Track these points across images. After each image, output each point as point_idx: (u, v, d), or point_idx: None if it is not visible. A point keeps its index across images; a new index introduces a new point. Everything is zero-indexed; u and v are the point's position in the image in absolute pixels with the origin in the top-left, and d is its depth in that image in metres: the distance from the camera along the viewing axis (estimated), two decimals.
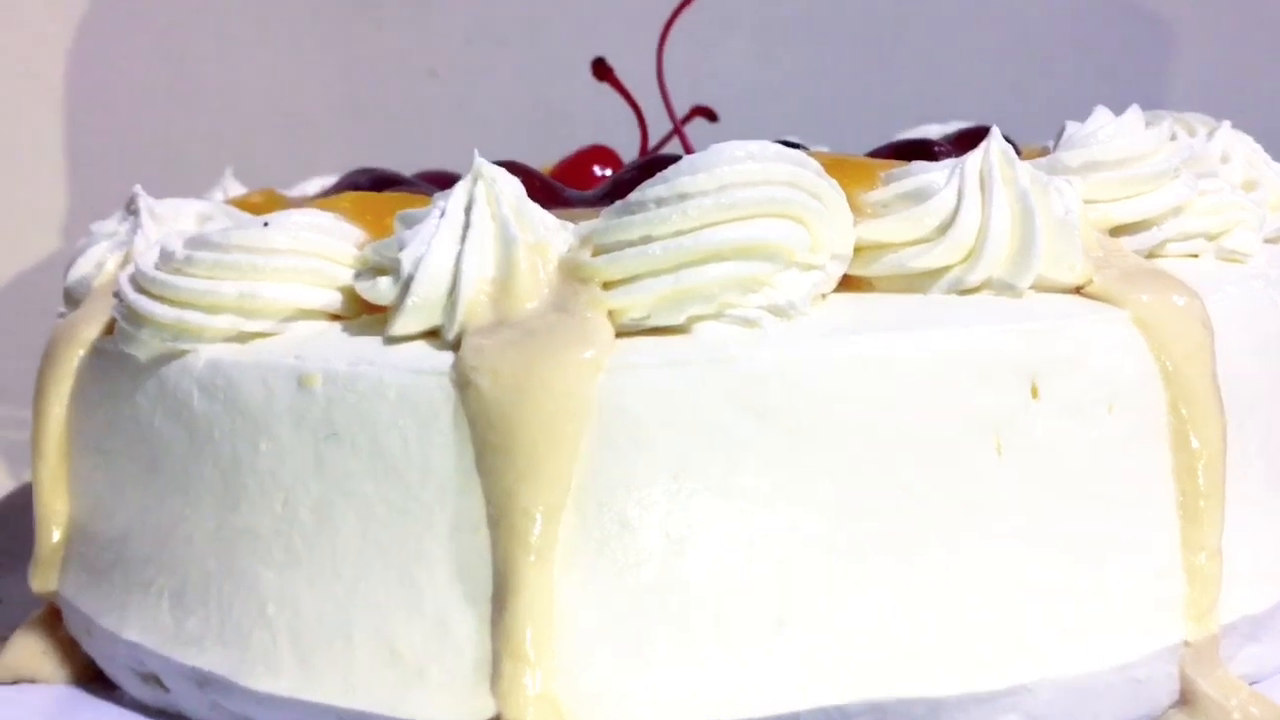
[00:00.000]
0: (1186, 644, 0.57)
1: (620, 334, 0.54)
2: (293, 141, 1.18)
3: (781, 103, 1.15)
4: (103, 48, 1.17)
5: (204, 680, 0.58)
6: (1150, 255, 0.63)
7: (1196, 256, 0.64)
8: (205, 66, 1.18)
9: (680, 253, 0.53)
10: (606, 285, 0.54)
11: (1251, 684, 0.59)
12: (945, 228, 0.57)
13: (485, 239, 0.56)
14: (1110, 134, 0.63)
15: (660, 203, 0.54)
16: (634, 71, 0.90)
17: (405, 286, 0.56)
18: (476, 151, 0.58)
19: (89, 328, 0.65)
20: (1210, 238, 0.65)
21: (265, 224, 0.60)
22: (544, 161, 0.94)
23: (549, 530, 0.52)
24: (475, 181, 0.57)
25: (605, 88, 0.93)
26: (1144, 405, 0.56)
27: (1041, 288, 0.58)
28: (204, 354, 0.58)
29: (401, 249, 0.56)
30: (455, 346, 0.54)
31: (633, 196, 0.55)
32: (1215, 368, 0.57)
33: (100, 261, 0.68)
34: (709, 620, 0.53)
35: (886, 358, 0.53)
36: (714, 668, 0.52)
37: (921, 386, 0.53)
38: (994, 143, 0.59)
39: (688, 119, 0.98)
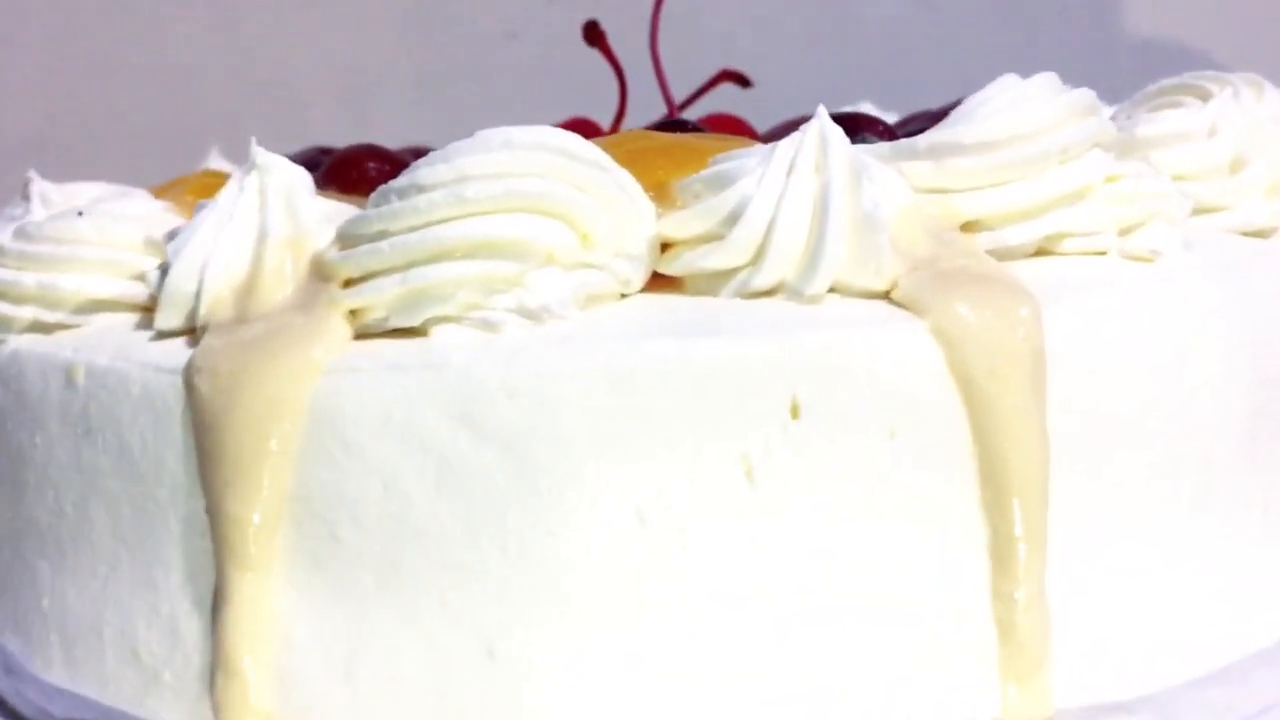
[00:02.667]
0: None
1: (362, 335, 0.55)
2: (364, 110, 1.23)
3: (839, 66, 1.12)
4: (156, 8, 1.25)
5: (8, 666, 0.64)
6: (1040, 252, 0.59)
7: (1104, 254, 0.60)
8: (267, 31, 1.25)
9: (409, 250, 0.53)
10: (347, 284, 0.56)
11: None
12: (732, 223, 0.55)
13: (243, 232, 0.58)
14: (985, 112, 0.59)
15: (400, 195, 0.55)
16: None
17: (162, 278, 0.59)
18: (254, 140, 0.60)
19: None
20: (1122, 231, 0.60)
21: (79, 214, 0.64)
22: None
23: (262, 541, 0.54)
24: (249, 172, 0.60)
25: (696, 53, 0.94)
26: (939, 430, 0.53)
27: (846, 292, 0.55)
28: (11, 344, 0.63)
29: (171, 240, 0.60)
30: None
31: (382, 188, 0.56)
32: (1038, 387, 0.53)
33: None
34: (420, 643, 0.53)
35: (616, 370, 0.52)
36: (421, 693, 0.53)
37: (656, 403, 0.52)
38: (814, 124, 0.57)
39: (714, 83, 0.97)
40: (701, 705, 0.53)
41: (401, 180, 0.55)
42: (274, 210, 0.58)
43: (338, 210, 0.60)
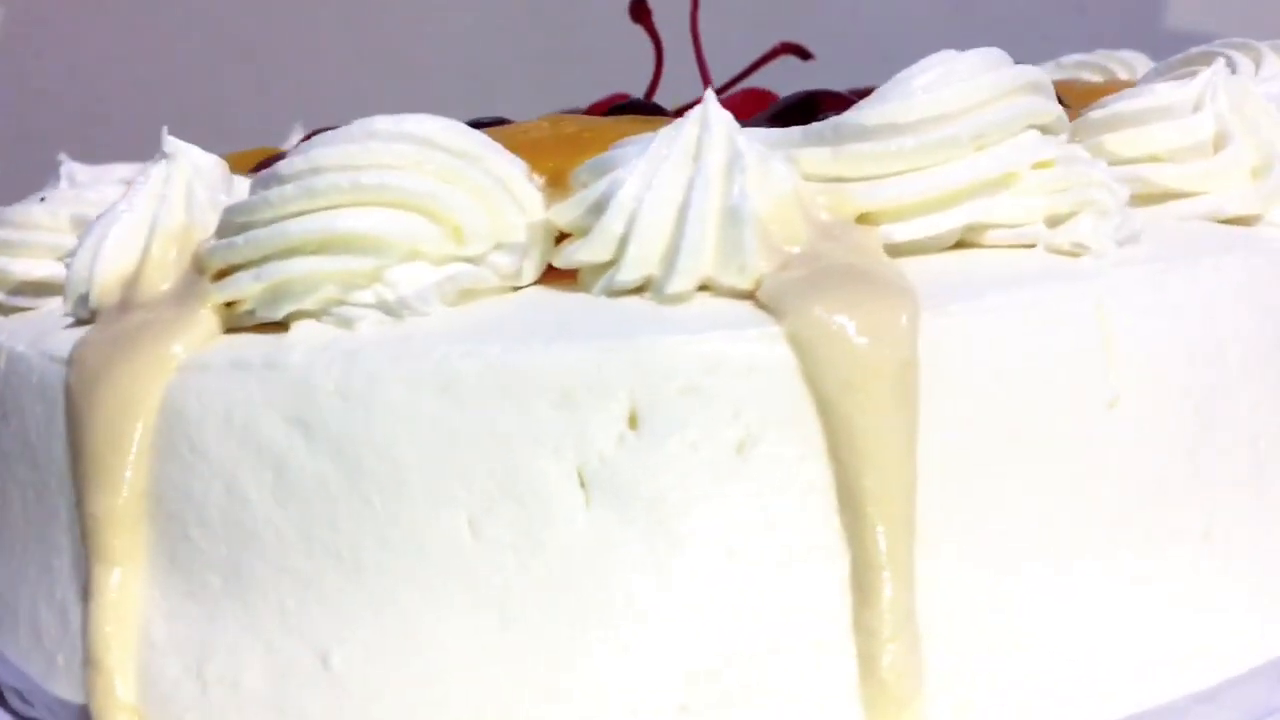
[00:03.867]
0: None
1: (233, 329, 0.51)
2: (484, 89, 1.18)
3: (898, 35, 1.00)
4: None
5: None
6: (962, 244, 0.50)
7: (1033, 246, 0.50)
8: (391, 15, 1.21)
9: (261, 243, 0.49)
10: (218, 276, 0.51)
11: None
12: (598, 214, 0.48)
13: (136, 221, 0.54)
14: (901, 92, 0.49)
15: (264, 185, 0.50)
16: None
17: (70, 266, 0.55)
18: (165, 130, 0.56)
19: None
20: (1052, 222, 0.50)
21: (41, 199, 0.62)
22: None
23: (121, 537, 0.50)
24: (158, 160, 0.56)
25: (824, 29, 0.87)
26: (792, 446, 0.44)
27: (718, 291, 0.47)
28: None
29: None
30: None
31: (257, 176, 0.51)
32: (904, 402, 0.44)
33: None
34: (261, 649, 0.48)
35: (443, 376, 0.45)
36: (260, 700, 0.48)
37: (483, 411, 0.45)
38: (698, 109, 0.49)
39: (771, 56, 0.88)
40: (550, 714, 0.46)
41: (268, 170, 0.50)
42: (171, 200, 0.54)
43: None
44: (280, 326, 0.50)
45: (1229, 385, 0.49)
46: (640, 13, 0.85)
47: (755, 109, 0.74)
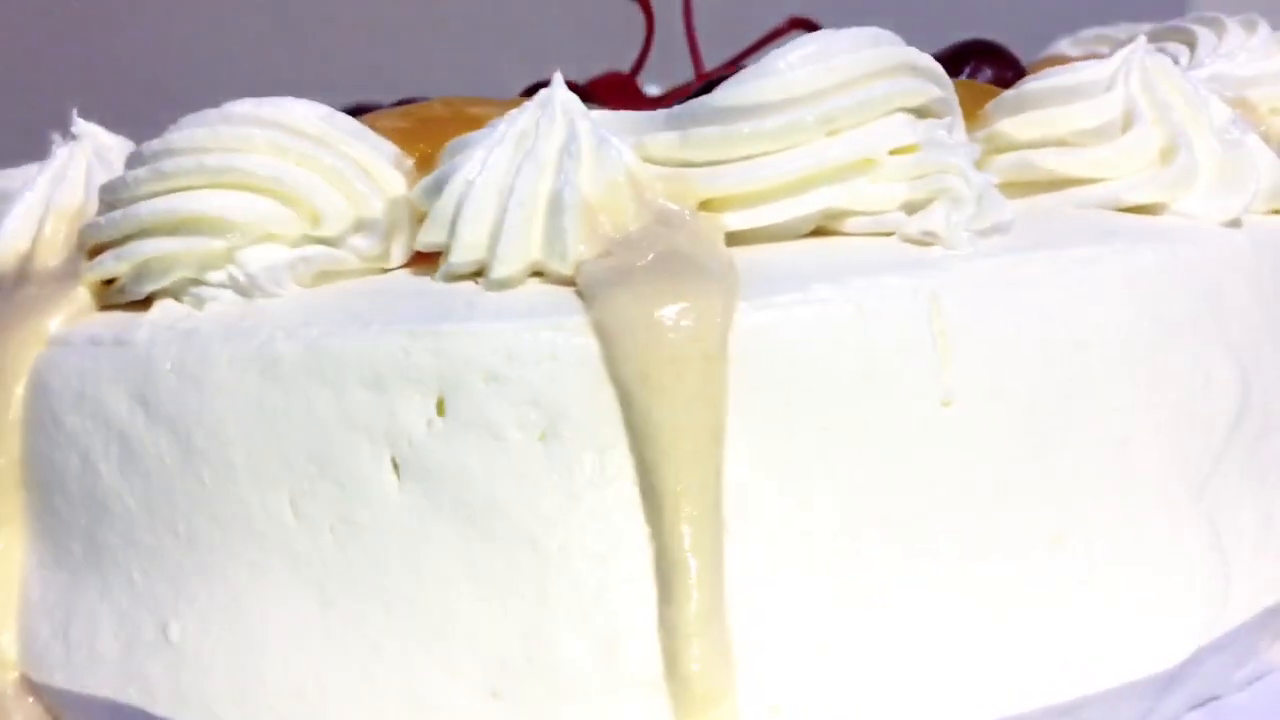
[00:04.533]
0: None
1: (109, 306, 0.52)
2: (481, 62, 1.17)
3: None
4: None
5: None
6: (820, 232, 0.47)
7: (891, 234, 0.47)
8: None
9: (118, 224, 0.49)
10: (91, 254, 0.52)
11: None
12: (434, 197, 0.47)
13: (37, 199, 0.55)
14: (757, 72, 0.47)
15: (128, 166, 0.51)
16: None
17: None
18: (75, 111, 0.57)
19: None
20: (912, 210, 0.47)
21: None
22: None
23: (1, 503, 0.52)
24: (66, 141, 0.57)
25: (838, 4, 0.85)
26: (595, 437, 0.43)
27: (549, 278, 0.46)
28: None
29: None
30: None
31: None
32: (709, 397, 0.42)
33: None
34: (114, 617, 0.49)
35: (266, 358, 0.45)
36: (113, 666, 0.49)
37: (305, 393, 0.45)
38: (543, 92, 0.47)
39: (782, 31, 0.85)
40: (366, 694, 0.46)
41: (135, 151, 0.50)
42: (70, 181, 0.55)
43: None
44: (149, 304, 0.50)
45: (1092, 383, 0.45)
46: None
47: None
